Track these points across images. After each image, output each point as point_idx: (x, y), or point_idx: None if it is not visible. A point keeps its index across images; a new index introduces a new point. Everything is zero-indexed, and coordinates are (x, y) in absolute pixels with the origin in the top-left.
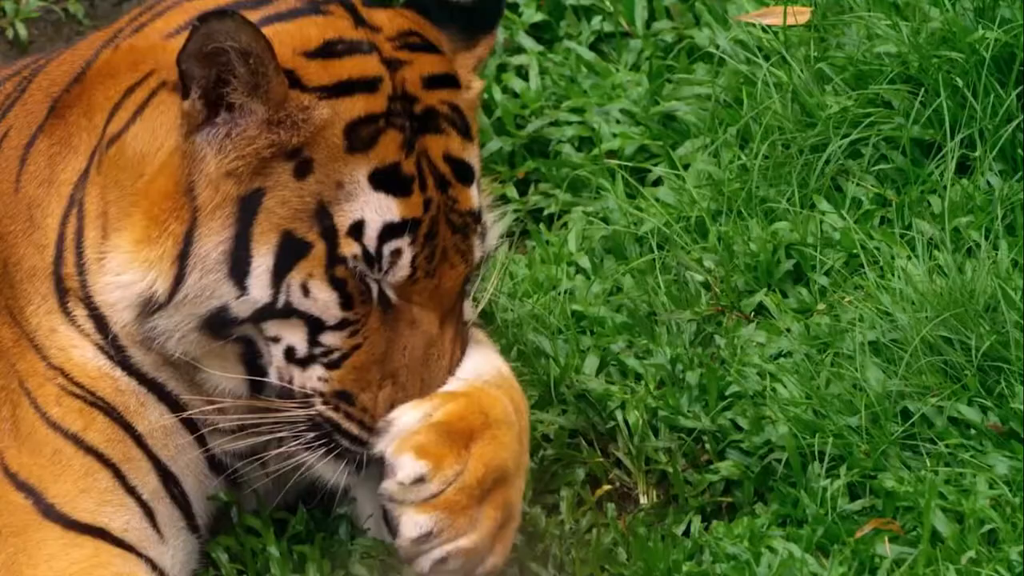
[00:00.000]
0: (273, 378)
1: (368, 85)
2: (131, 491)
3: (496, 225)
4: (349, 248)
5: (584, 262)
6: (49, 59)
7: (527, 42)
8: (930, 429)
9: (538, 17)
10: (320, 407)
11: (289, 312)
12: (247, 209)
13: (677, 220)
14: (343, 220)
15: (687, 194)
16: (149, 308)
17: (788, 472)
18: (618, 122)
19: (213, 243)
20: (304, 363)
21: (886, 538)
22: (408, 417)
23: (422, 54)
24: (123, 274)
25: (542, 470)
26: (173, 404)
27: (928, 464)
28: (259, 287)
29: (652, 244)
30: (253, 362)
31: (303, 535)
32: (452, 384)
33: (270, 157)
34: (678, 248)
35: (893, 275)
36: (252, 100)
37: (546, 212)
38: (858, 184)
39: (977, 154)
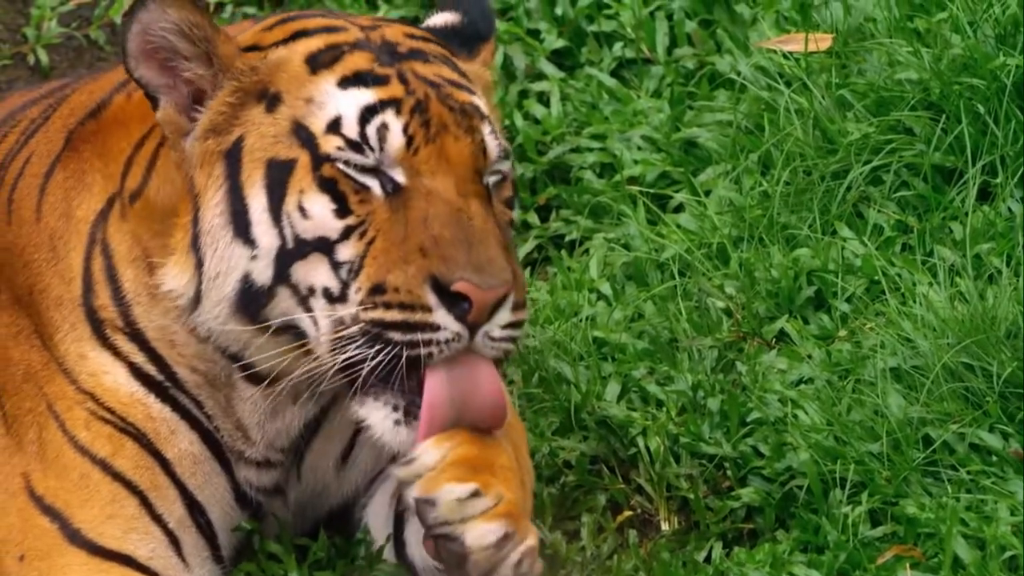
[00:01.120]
0: (328, 330)
1: (327, 30)
2: (157, 519)
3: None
4: (330, 143)
5: (605, 288)
6: (74, 88)
7: (548, 68)
8: (951, 456)
9: (559, 44)
10: (363, 315)
11: (302, 248)
12: (232, 160)
13: (698, 246)
14: (319, 124)
15: (708, 220)
16: (189, 307)
17: (809, 498)
18: (639, 148)
19: (212, 211)
20: (343, 296)
21: (907, 565)
22: (429, 455)
23: (404, 25)
24: (170, 288)
25: (563, 496)
26: (203, 432)
27: (949, 491)
28: (264, 232)
29: (673, 270)
30: (300, 345)
31: (324, 562)
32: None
33: (238, 104)
34: (699, 274)
35: (914, 302)
36: (211, 72)
37: (567, 238)
38: (879, 211)
39: (998, 181)
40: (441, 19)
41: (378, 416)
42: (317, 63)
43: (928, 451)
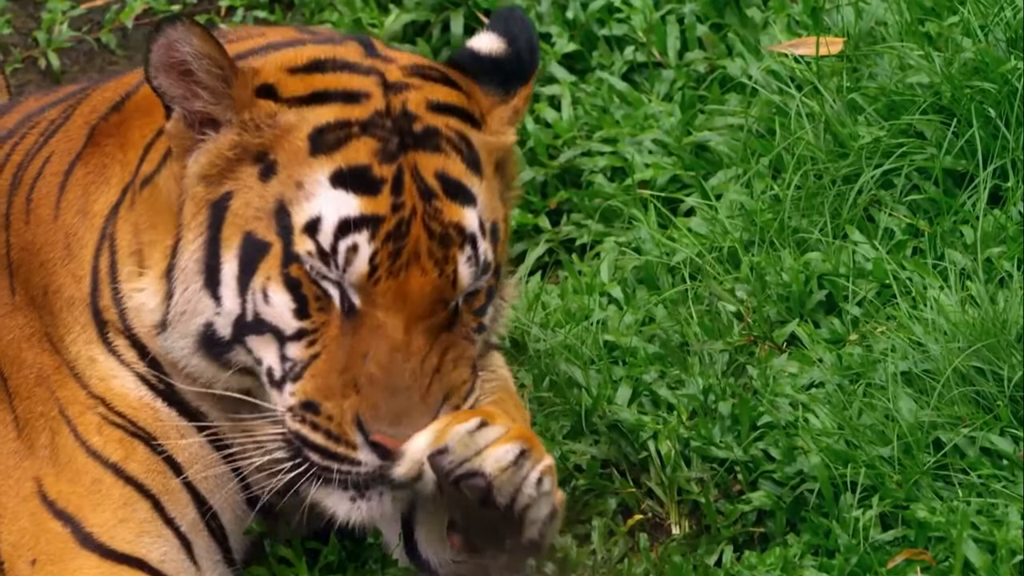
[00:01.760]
0: (278, 408)
1: (347, 97)
2: (169, 522)
3: (512, 285)
4: (303, 244)
5: (616, 292)
6: (95, 87)
7: (560, 72)
8: (962, 459)
9: (571, 47)
10: (291, 423)
11: (259, 325)
12: (216, 213)
13: (709, 250)
14: (300, 217)
15: (719, 224)
16: (158, 329)
17: (820, 502)
18: (650, 152)
19: (190, 252)
20: (280, 384)
21: (918, 568)
22: (419, 439)
23: (435, 84)
24: (139, 295)
25: (574, 500)
26: (213, 437)
27: (960, 494)
28: (230, 296)
29: (684, 274)
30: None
31: (335, 565)
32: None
33: (236, 159)
34: (710, 278)
35: (925, 305)
36: (220, 107)
37: (578, 242)
38: (890, 214)
39: (1009, 184)
40: (487, 43)
41: (333, 499)
42: (320, 144)
43: (939, 455)
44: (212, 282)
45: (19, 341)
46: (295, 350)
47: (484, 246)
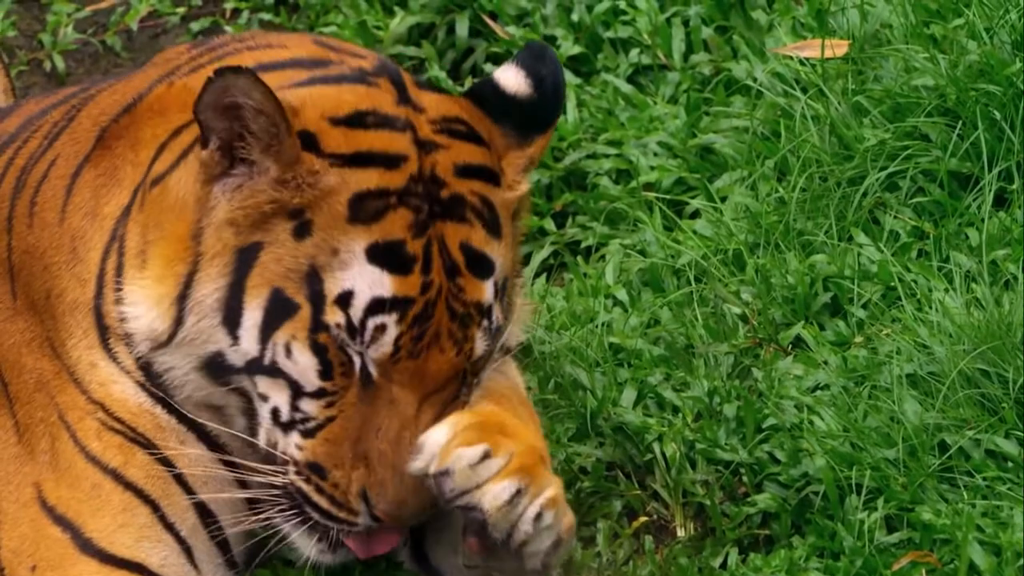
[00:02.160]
0: (261, 439)
1: (388, 160)
2: (169, 527)
3: (519, 332)
4: (333, 316)
5: (621, 294)
6: (100, 88)
7: (565, 74)
8: (967, 462)
9: (576, 50)
10: (293, 476)
11: (275, 371)
12: (244, 261)
13: (715, 253)
14: (332, 287)
15: (725, 227)
16: (155, 344)
17: (825, 504)
18: (655, 155)
19: (209, 289)
20: (286, 428)
21: (923, 571)
22: (438, 433)
23: (462, 142)
24: (136, 307)
25: (579, 502)
26: (213, 443)
27: (965, 497)
28: (248, 340)
29: (690, 277)
30: (251, 419)
31: (339, 568)
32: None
33: (271, 213)
34: (715, 281)
35: (930, 308)
36: (265, 157)
37: (583, 245)
38: (896, 217)
39: (1015, 187)
40: (512, 81)
41: (304, 541)
42: (359, 212)
43: (944, 457)
44: (231, 322)
45: (19, 346)
46: (311, 406)
47: (496, 312)
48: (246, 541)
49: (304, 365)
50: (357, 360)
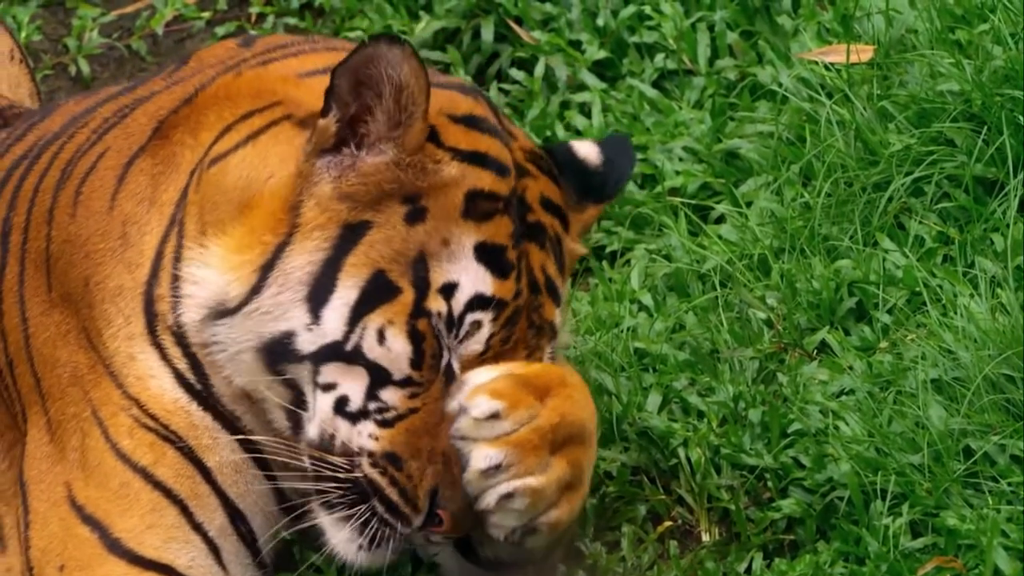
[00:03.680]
0: (312, 432)
1: (499, 168)
2: (197, 528)
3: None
4: (436, 304)
5: (647, 299)
6: (155, 91)
7: (590, 79)
8: (992, 467)
9: (601, 54)
10: (367, 468)
11: (355, 357)
12: (348, 237)
13: (740, 257)
14: (438, 276)
15: (750, 232)
16: (217, 311)
17: (850, 510)
18: (681, 160)
19: (302, 261)
20: (355, 418)
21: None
22: (484, 374)
23: (546, 178)
24: (203, 270)
25: (604, 507)
26: (245, 441)
27: (990, 502)
28: (333, 320)
29: (715, 281)
30: (293, 412)
31: (367, 574)
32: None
33: (389, 193)
34: (741, 286)
35: (956, 313)
36: (388, 137)
37: (609, 249)
38: (921, 222)
39: None
40: (586, 150)
41: (341, 536)
42: (472, 209)
43: (969, 462)
44: (317, 300)
45: (54, 339)
46: (394, 396)
47: (554, 344)
48: (275, 542)
49: (398, 351)
50: (445, 355)
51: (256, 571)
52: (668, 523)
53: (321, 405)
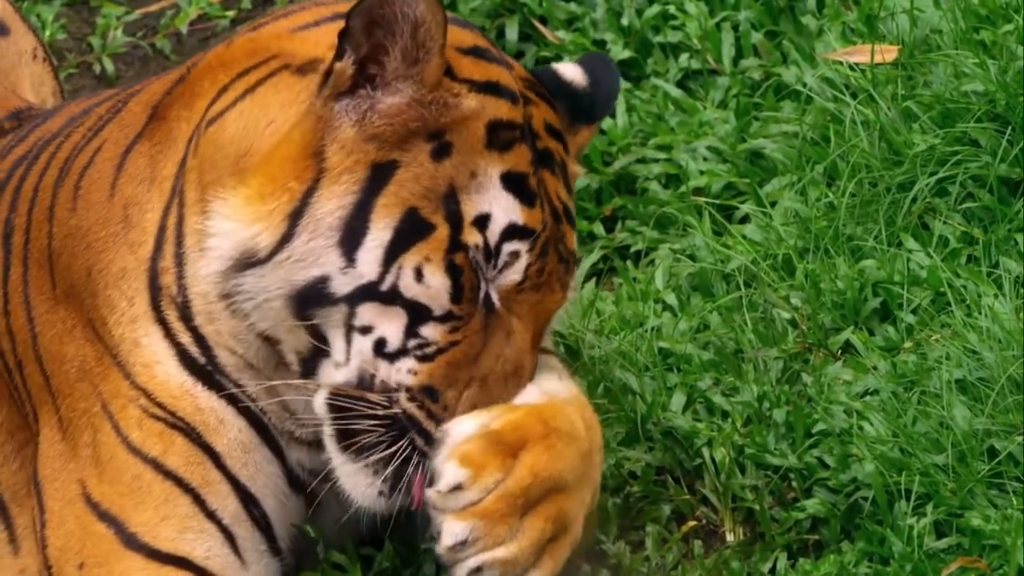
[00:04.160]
0: (344, 376)
1: (511, 96)
2: (211, 516)
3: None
4: (472, 237)
5: (671, 299)
6: (147, 82)
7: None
8: (1016, 467)
9: (625, 54)
10: (405, 403)
11: (392, 297)
12: (377, 178)
13: (764, 257)
14: (470, 209)
15: (774, 232)
16: (244, 262)
17: (875, 510)
18: (705, 159)
19: (333, 206)
20: (394, 357)
21: None
22: (464, 427)
23: (545, 104)
24: (225, 223)
25: (628, 506)
26: (251, 418)
27: (1015, 502)
28: (368, 262)
29: (739, 281)
30: (310, 360)
31: (389, 571)
32: (522, 395)
33: (414, 132)
34: (765, 285)
35: (980, 313)
36: (404, 76)
37: (633, 249)
38: (945, 222)
39: None
40: (571, 72)
41: (360, 479)
42: (495, 139)
43: (993, 463)
44: (350, 243)
45: (60, 336)
46: (435, 331)
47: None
48: (289, 525)
49: (437, 287)
50: (483, 288)
51: (271, 557)
52: (692, 523)
53: (360, 347)
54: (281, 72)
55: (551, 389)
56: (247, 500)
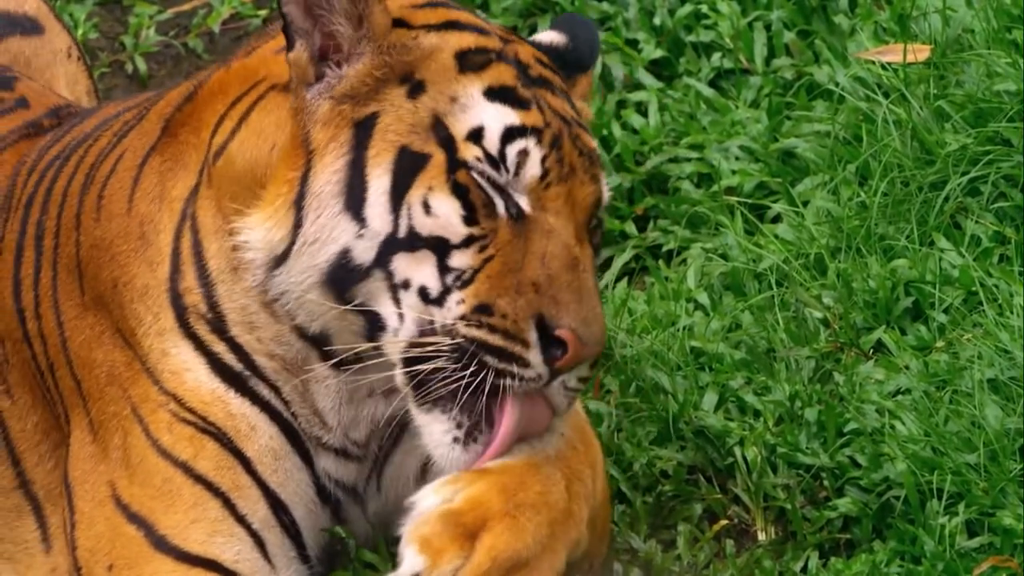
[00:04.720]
0: (408, 332)
1: (477, 29)
2: (241, 520)
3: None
4: (470, 151)
5: (703, 298)
6: (170, 88)
7: (646, 79)
8: None
9: (658, 54)
10: (464, 330)
11: (414, 241)
12: (361, 133)
13: (796, 257)
14: (460, 127)
15: (806, 231)
16: (271, 263)
17: (906, 509)
18: (737, 159)
19: (327, 176)
20: (440, 299)
21: (1004, 575)
22: (428, 501)
23: (530, 46)
24: (253, 233)
25: (659, 505)
26: (282, 425)
27: None
28: (378, 215)
29: (771, 281)
30: (373, 335)
31: None
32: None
33: (384, 79)
34: (797, 285)
35: (1012, 313)
36: (358, 39)
37: (665, 248)
38: (977, 222)
39: None
40: (548, 37)
41: (438, 429)
42: (466, 63)
43: None
44: (355, 203)
45: (90, 341)
46: (463, 258)
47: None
48: (318, 532)
49: (446, 213)
50: (500, 200)
51: (300, 564)
52: (724, 522)
53: (408, 304)
54: (269, 94)
55: (535, 445)
56: (277, 506)
